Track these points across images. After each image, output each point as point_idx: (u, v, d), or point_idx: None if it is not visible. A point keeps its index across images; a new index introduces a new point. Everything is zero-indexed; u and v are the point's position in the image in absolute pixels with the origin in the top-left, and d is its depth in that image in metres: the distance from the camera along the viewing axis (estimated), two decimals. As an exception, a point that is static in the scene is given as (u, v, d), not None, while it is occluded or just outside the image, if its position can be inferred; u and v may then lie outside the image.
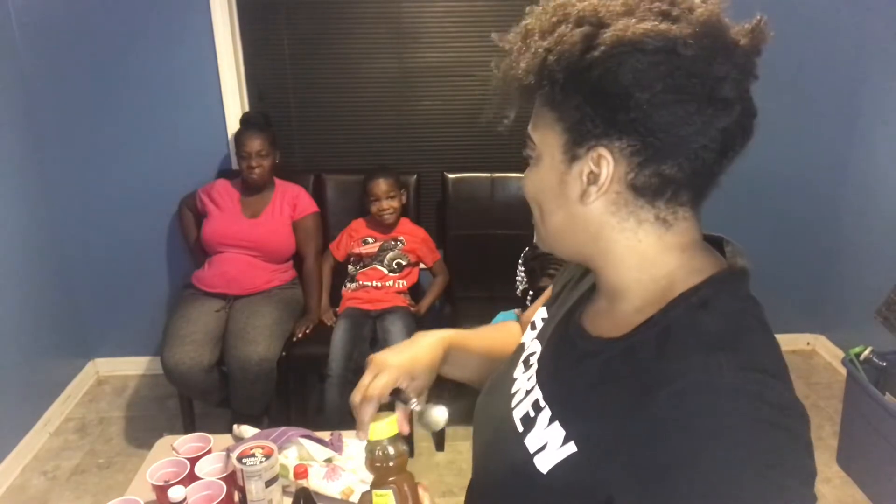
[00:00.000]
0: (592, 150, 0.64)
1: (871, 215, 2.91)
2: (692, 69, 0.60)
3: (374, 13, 2.75)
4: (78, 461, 2.56)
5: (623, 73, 0.60)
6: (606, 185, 0.65)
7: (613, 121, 0.62)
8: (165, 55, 2.71)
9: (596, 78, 0.61)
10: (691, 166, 0.64)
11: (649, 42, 0.59)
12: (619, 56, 0.60)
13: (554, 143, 0.67)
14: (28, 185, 2.70)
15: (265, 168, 2.54)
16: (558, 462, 0.66)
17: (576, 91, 0.63)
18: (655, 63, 0.60)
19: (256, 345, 2.35)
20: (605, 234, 0.68)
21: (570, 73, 0.63)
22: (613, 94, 0.61)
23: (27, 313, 2.66)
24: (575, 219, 0.68)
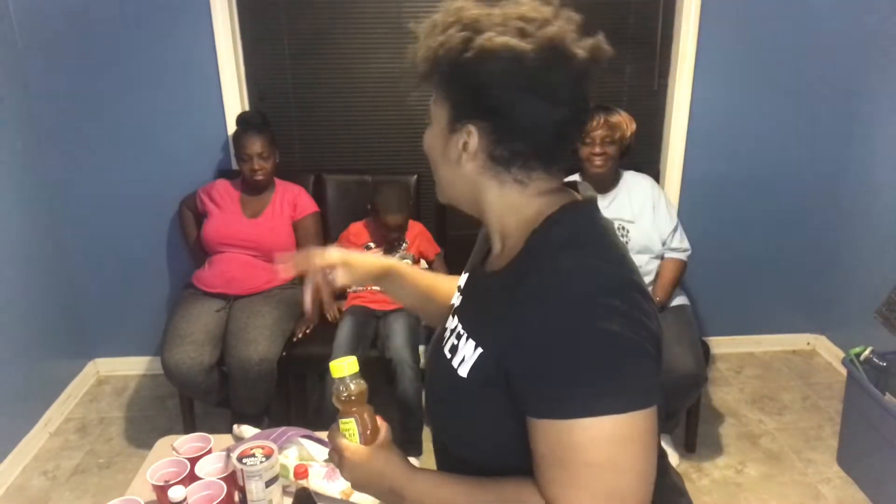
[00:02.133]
0: (464, 126, 0.85)
1: (871, 215, 2.91)
2: (534, 75, 0.80)
3: (374, 13, 2.75)
4: (78, 461, 2.56)
5: (484, 73, 0.81)
6: (473, 154, 0.86)
7: (478, 107, 0.83)
8: (165, 55, 2.71)
9: (468, 73, 0.82)
10: (534, 146, 0.84)
11: (503, 52, 0.79)
12: (482, 60, 0.80)
13: (441, 115, 0.88)
14: (28, 186, 2.70)
15: (267, 169, 2.54)
16: (472, 364, 0.86)
17: (455, 80, 0.85)
18: (507, 69, 0.80)
19: (256, 345, 2.35)
20: (479, 189, 0.89)
21: (451, 66, 0.83)
22: (478, 87, 0.82)
23: (27, 313, 2.66)
24: (457, 177, 0.90)
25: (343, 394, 0.95)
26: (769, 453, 2.56)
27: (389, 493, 0.91)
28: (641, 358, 0.77)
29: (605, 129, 2.38)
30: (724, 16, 2.76)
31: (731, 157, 2.97)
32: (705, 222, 2.99)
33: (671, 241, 2.50)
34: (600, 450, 0.75)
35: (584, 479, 0.76)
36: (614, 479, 0.76)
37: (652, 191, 2.53)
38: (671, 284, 2.46)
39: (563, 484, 0.78)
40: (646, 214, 2.48)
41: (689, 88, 2.85)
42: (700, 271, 2.82)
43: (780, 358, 3.24)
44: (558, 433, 0.76)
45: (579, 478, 0.76)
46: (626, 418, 0.75)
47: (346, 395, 0.94)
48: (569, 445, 0.76)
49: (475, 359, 0.85)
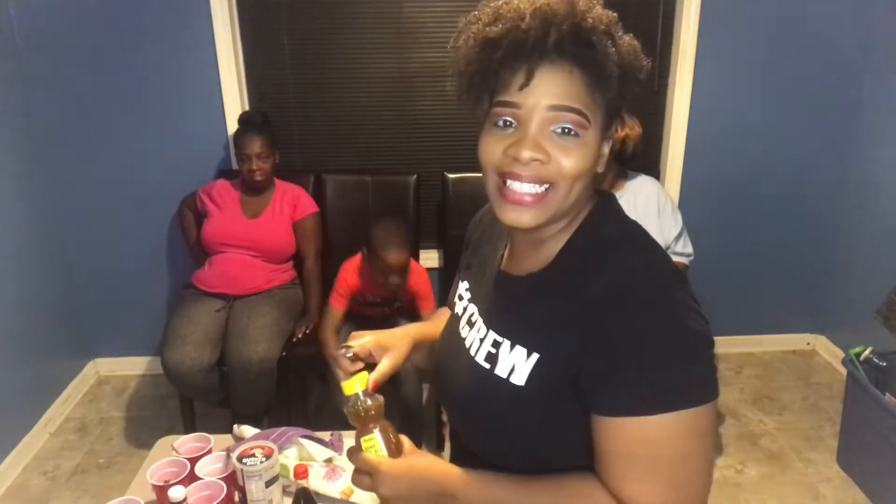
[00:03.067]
0: (618, 123, 0.84)
1: (871, 215, 2.91)
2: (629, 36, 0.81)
3: (374, 13, 2.75)
4: (78, 461, 2.56)
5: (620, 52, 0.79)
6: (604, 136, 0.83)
7: (621, 94, 0.80)
8: (166, 55, 2.71)
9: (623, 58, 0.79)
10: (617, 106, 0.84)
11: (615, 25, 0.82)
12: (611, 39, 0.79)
13: (599, 121, 0.80)
14: (28, 185, 2.70)
15: (266, 170, 2.54)
16: (531, 371, 0.83)
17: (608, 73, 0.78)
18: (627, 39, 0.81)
19: (256, 345, 2.35)
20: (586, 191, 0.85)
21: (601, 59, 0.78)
22: (622, 72, 0.79)
23: (27, 313, 2.66)
24: (587, 185, 0.84)
25: (361, 411, 0.91)
26: (769, 453, 2.56)
27: (439, 497, 0.87)
28: (710, 349, 0.79)
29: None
30: (724, 16, 2.76)
31: (731, 157, 2.97)
32: (705, 222, 2.98)
33: (675, 246, 2.49)
34: (675, 443, 0.77)
35: (654, 471, 0.78)
36: (684, 471, 0.78)
37: (658, 194, 2.52)
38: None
39: (632, 478, 0.79)
40: (650, 218, 2.48)
41: (689, 88, 2.85)
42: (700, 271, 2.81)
43: (780, 358, 3.24)
44: (635, 429, 0.77)
45: (650, 471, 0.78)
46: (701, 411, 0.77)
47: (364, 412, 0.91)
48: (644, 441, 0.77)
49: (532, 365, 0.83)
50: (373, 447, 0.89)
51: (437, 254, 2.96)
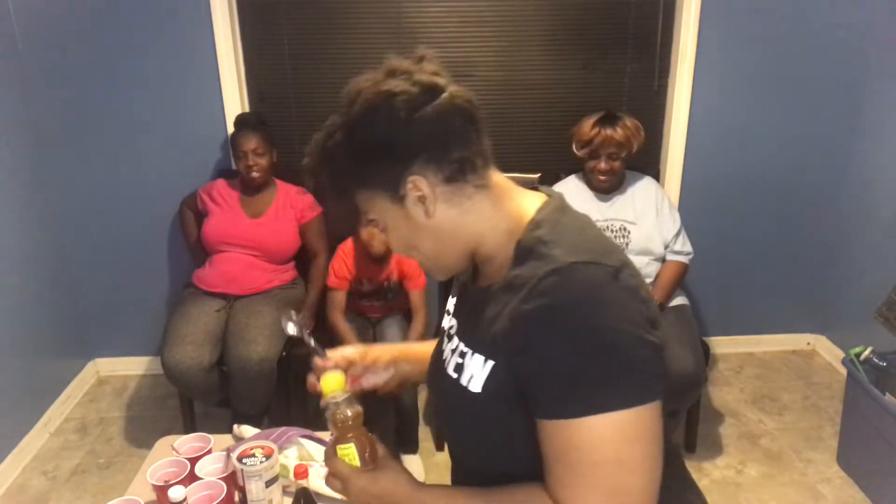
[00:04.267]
0: (407, 183, 0.84)
1: (871, 215, 2.91)
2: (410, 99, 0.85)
3: (374, 13, 2.75)
4: (78, 461, 2.56)
5: (378, 125, 0.85)
6: (432, 195, 0.85)
7: (398, 158, 0.84)
8: (165, 55, 2.71)
9: (370, 140, 0.85)
10: (465, 148, 0.86)
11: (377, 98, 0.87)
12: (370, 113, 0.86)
13: (382, 205, 0.88)
14: (28, 185, 2.70)
15: (263, 166, 2.54)
16: (486, 378, 0.86)
17: (366, 160, 0.86)
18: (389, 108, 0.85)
19: (257, 345, 2.35)
20: (460, 225, 0.89)
21: (356, 151, 0.87)
22: (384, 143, 0.85)
23: (27, 313, 2.66)
24: (438, 235, 0.89)
25: (339, 420, 0.95)
26: (769, 453, 2.56)
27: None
28: (641, 350, 0.78)
29: (613, 146, 2.37)
30: (724, 16, 2.76)
31: (730, 157, 2.97)
32: (705, 222, 2.99)
33: (674, 244, 2.50)
34: (607, 448, 0.76)
35: (591, 478, 0.77)
36: (622, 477, 0.77)
37: (656, 193, 2.53)
38: (671, 286, 2.46)
39: (571, 484, 0.79)
40: (648, 216, 2.48)
41: (689, 89, 2.85)
42: (700, 271, 2.82)
43: (780, 358, 3.24)
44: (566, 433, 0.78)
45: (587, 477, 0.77)
46: (631, 414, 0.76)
47: (343, 420, 0.95)
48: (577, 445, 0.77)
49: (487, 372, 0.86)
50: (348, 455, 0.94)
51: (437, 254, 2.96)
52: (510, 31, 2.78)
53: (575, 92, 2.87)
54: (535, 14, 2.77)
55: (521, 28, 2.78)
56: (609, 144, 2.36)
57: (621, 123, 2.38)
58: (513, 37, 2.79)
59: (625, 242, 2.46)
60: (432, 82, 0.87)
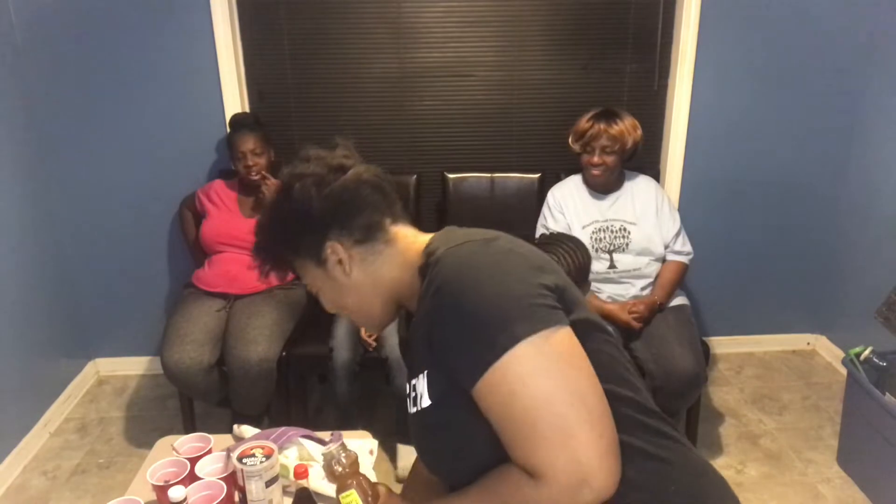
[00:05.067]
0: (325, 251, 0.99)
1: (871, 215, 2.91)
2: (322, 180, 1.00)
3: (374, 13, 2.75)
4: (78, 461, 2.56)
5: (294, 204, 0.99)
6: (347, 256, 0.99)
7: (313, 231, 0.99)
8: (165, 55, 2.71)
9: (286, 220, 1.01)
10: (366, 212, 0.99)
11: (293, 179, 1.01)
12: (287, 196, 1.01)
13: (312, 271, 1.02)
14: (28, 186, 2.70)
15: (262, 166, 2.54)
16: (428, 388, 0.91)
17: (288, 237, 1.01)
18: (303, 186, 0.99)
19: (256, 345, 2.35)
20: (377, 277, 1.01)
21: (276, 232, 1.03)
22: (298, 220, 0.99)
23: (27, 313, 2.66)
24: (360, 290, 1.02)
25: (337, 469, 1.02)
26: (769, 453, 2.56)
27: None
28: (524, 288, 0.83)
29: (606, 139, 2.37)
30: (724, 16, 2.76)
31: (730, 157, 2.97)
32: (705, 222, 2.99)
33: (674, 244, 2.50)
34: (530, 387, 0.78)
35: (533, 426, 0.78)
36: (560, 414, 0.77)
37: (656, 193, 2.53)
38: (671, 285, 2.46)
39: (522, 444, 0.80)
40: (648, 216, 2.48)
41: (689, 89, 2.85)
42: (700, 271, 2.82)
43: (780, 358, 3.24)
44: (489, 391, 0.80)
45: (529, 427, 0.78)
46: (535, 342, 0.79)
47: (341, 469, 1.02)
48: (504, 399, 0.79)
49: (427, 381, 0.91)
50: (350, 501, 1.01)
51: (437, 254, 2.96)
52: (510, 31, 2.78)
53: (575, 92, 2.87)
54: (535, 14, 2.77)
55: (521, 28, 2.78)
56: (602, 137, 2.37)
57: (617, 119, 2.38)
58: (513, 37, 2.79)
59: (625, 242, 2.46)
60: (339, 164, 1.01)
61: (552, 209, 2.54)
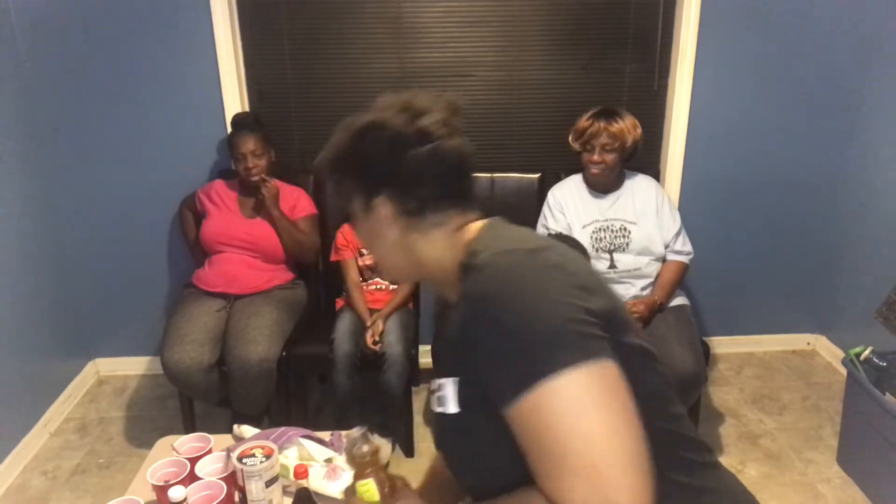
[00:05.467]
0: (375, 202, 0.96)
1: (871, 215, 2.91)
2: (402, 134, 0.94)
3: (374, 13, 2.75)
4: (78, 461, 2.56)
5: (364, 150, 0.96)
6: (391, 220, 0.96)
7: (374, 181, 0.96)
8: (165, 55, 2.71)
9: (355, 159, 0.98)
10: (434, 188, 0.96)
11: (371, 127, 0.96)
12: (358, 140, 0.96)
13: (357, 205, 1.00)
14: (28, 186, 2.70)
15: (262, 167, 2.54)
16: (457, 396, 0.89)
17: (351, 171, 0.99)
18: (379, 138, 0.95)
19: (256, 345, 2.35)
20: (412, 249, 0.98)
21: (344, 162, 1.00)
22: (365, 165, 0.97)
23: (27, 313, 2.66)
24: (391, 251, 1.00)
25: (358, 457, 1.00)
26: (769, 453, 2.56)
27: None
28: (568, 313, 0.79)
29: (606, 137, 2.37)
30: (724, 16, 2.76)
31: (730, 157, 2.97)
32: (705, 222, 2.99)
33: (674, 244, 2.50)
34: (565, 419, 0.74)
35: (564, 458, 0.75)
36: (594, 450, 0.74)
37: (656, 193, 2.53)
38: (671, 285, 2.46)
39: (550, 473, 0.76)
40: (649, 216, 2.48)
41: (689, 89, 2.85)
42: (700, 271, 2.82)
43: (780, 358, 3.24)
44: (523, 416, 0.77)
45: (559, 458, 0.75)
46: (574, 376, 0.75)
47: (361, 456, 1.00)
48: (536, 426, 0.76)
49: (456, 389, 0.89)
50: (367, 491, 0.99)
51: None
52: (510, 31, 2.78)
53: (575, 92, 2.87)
54: (535, 14, 2.77)
55: (521, 28, 2.78)
56: (602, 135, 2.37)
57: (617, 117, 2.39)
58: (513, 37, 2.79)
59: (625, 242, 2.46)
60: (425, 131, 0.94)
61: (552, 209, 2.54)
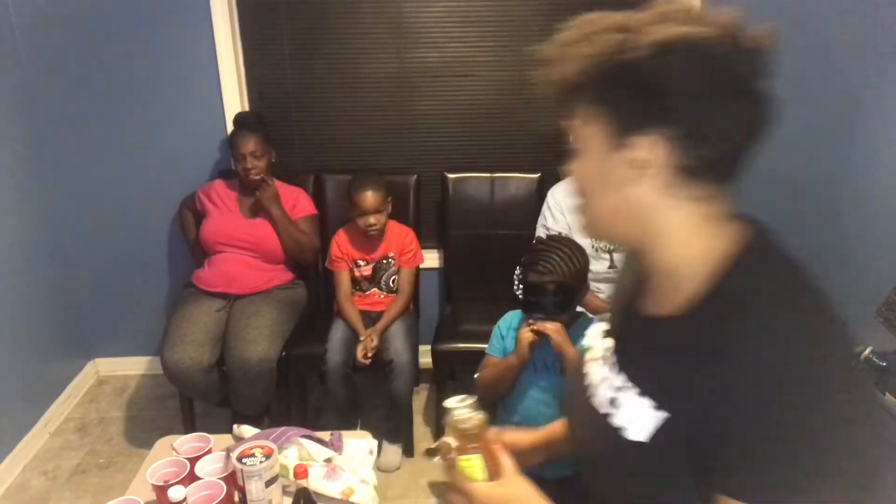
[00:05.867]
0: (639, 139, 0.72)
1: (870, 215, 2.91)
2: (720, 65, 0.71)
3: (374, 13, 2.75)
4: (78, 461, 2.56)
5: (664, 70, 0.70)
6: (653, 169, 0.73)
7: (656, 112, 0.71)
8: (166, 55, 2.71)
9: (641, 74, 0.70)
10: (723, 148, 0.74)
11: (681, 44, 0.70)
12: (661, 56, 0.70)
13: (598, 133, 0.76)
14: (28, 186, 2.70)
15: (260, 168, 2.53)
16: (656, 428, 0.75)
17: (622, 87, 0.72)
18: (691, 61, 0.70)
19: (256, 345, 2.35)
20: (650, 214, 0.76)
21: (617, 71, 0.72)
22: (656, 89, 0.71)
23: (27, 313, 2.66)
24: (622, 203, 0.77)
25: (463, 426, 0.88)
26: (769, 453, 2.56)
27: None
28: (866, 446, 0.67)
29: None
30: (724, 16, 2.76)
31: (730, 157, 2.97)
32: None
33: None
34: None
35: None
36: None
37: None
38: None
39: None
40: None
41: (689, 88, 2.84)
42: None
43: (780, 358, 3.24)
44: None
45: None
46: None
47: (467, 428, 0.88)
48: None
49: (660, 422, 0.75)
50: (471, 468, 0.87)
51: (437, 254, 2.96)
52: (510, 31, 2.78)
53: (575, 92, 2.87)
54: (535, 14, 2.77)
55: (521, 28, 2.78)
56: None
57: None
58: (513, 37, 2.79)
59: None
60: (752, 85, 0.75)
61: (552, 209, 2.54)
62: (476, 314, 2.66)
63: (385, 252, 2.58)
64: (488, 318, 1.97)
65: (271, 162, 2.59)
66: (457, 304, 2.81)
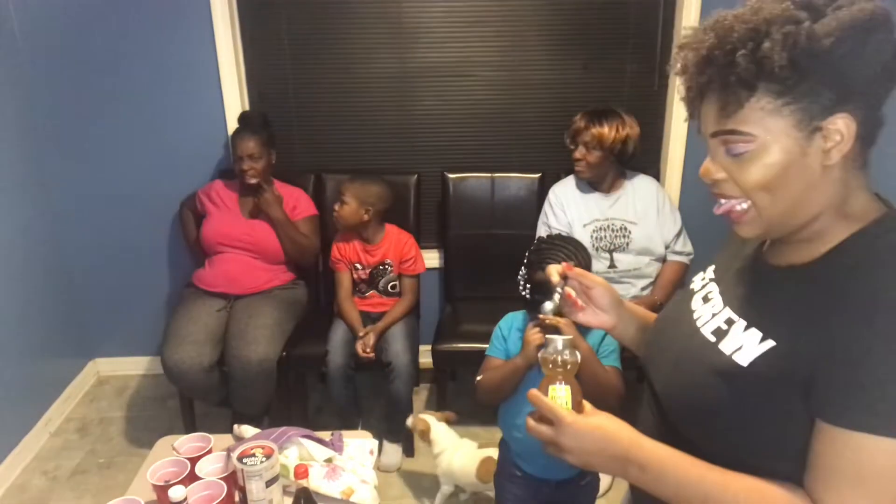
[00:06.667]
0: (832, 120, 0.74)
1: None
2: (892, 38, 0.72)
3: (374, 13, 2.75)
4: (78, 461, 2.56)
5: (853, 51, 0.71)
6: (847, 144, 0.75)
7: (847, 92, 0.73)
8: (166, 55, 2.71)
9: (829, 59, 0.71)
10: (883, 115, 0.78)
11: (870, 23, 0.71)
12: (848, 38, 0.71)
13: (782, 126, 0.76)
14: (28, 186, 2.70)
15: (258, 170, 2.53)
16: (759, 355, 0.79)
17: (808, 72, 0.73)
18: (879, 40, 0.71)
19: (257, 345, 2.35)
20: (836, 189, 0.79)
21: (801, 58, 0.72)
22: (848, 71, 0.72)
23: (28, 313, 2.66)
24: (812, 188, 0.78)
25: (558, 363, 0.91)
26: (769, 453, 2.56)
27: (623, 462, 0.84)
28: None
29: (587, 136, 2.40)
30: (724, 16, 2.76)
31: (731, 157, 2.97)
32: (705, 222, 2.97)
33: (675, 245, 2.50)
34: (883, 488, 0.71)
35: (876, 499, 0.71)
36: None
37: (657, 194, 2.53)
38: (671, 286, 2.46)
39: (849, 500, 0.72)
40: (649, 216, 2.48)
41: (689, 88, 2.84)
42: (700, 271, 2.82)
43: (781, 358, 3.23)
44: (866, 448, 0.71)
45: (871, 498, 0.71)
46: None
47: (561, 364, 0.91)
48: (872, 462, 0.71)
49: (763, 350, 0.79)
50: (560, 398, 0.88)
51: (438, 254, 2.96)
52: (510, 31, 2.78)
53: (575, 92, 2.87)
54: (535, 14, 2.77)
55: (521, 28, 2.78)
56: (584, 133, 2.39)
57: (609, 118, 2.39)
58: (513, 37, 2.79)
59: (625, 242, 2.46)
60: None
61: (553, 207, 2.54)
62: (476, 314, 2.66)
63: (382, 258, 2.57)
64: (488, 318, 1.97)
65: (271, 163, 2.59)
66: (457, 305, 2.81)
